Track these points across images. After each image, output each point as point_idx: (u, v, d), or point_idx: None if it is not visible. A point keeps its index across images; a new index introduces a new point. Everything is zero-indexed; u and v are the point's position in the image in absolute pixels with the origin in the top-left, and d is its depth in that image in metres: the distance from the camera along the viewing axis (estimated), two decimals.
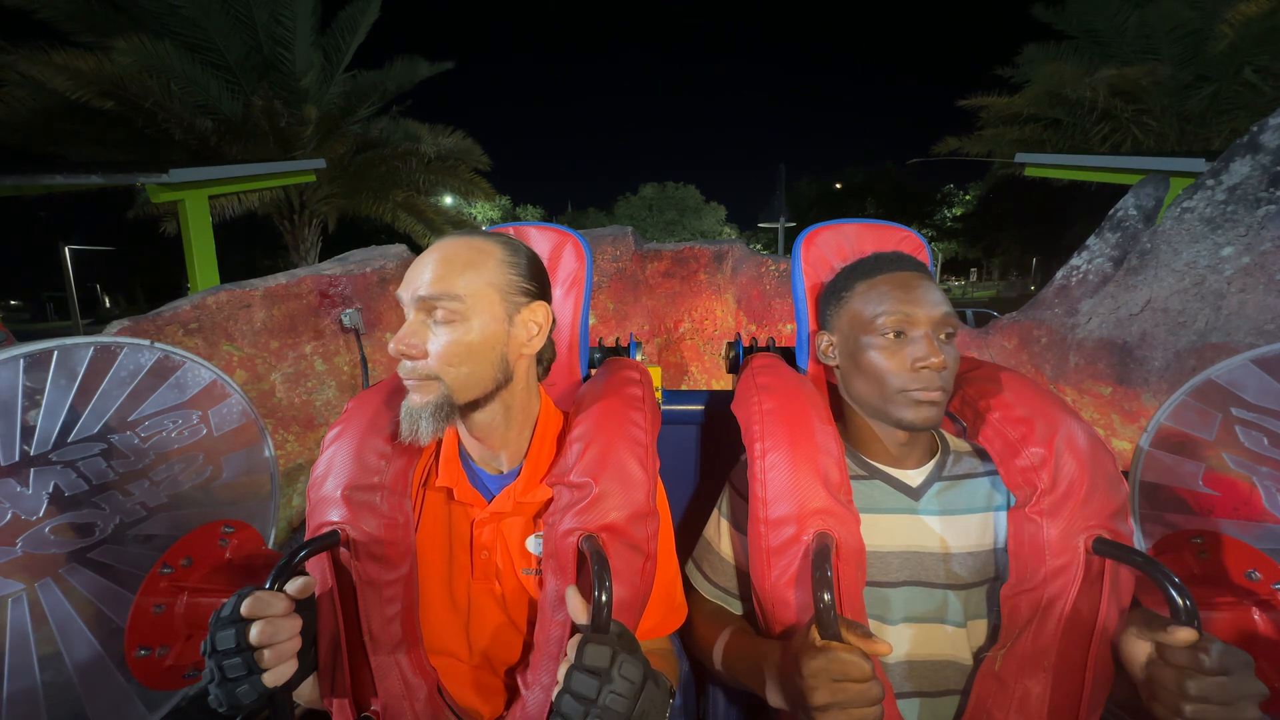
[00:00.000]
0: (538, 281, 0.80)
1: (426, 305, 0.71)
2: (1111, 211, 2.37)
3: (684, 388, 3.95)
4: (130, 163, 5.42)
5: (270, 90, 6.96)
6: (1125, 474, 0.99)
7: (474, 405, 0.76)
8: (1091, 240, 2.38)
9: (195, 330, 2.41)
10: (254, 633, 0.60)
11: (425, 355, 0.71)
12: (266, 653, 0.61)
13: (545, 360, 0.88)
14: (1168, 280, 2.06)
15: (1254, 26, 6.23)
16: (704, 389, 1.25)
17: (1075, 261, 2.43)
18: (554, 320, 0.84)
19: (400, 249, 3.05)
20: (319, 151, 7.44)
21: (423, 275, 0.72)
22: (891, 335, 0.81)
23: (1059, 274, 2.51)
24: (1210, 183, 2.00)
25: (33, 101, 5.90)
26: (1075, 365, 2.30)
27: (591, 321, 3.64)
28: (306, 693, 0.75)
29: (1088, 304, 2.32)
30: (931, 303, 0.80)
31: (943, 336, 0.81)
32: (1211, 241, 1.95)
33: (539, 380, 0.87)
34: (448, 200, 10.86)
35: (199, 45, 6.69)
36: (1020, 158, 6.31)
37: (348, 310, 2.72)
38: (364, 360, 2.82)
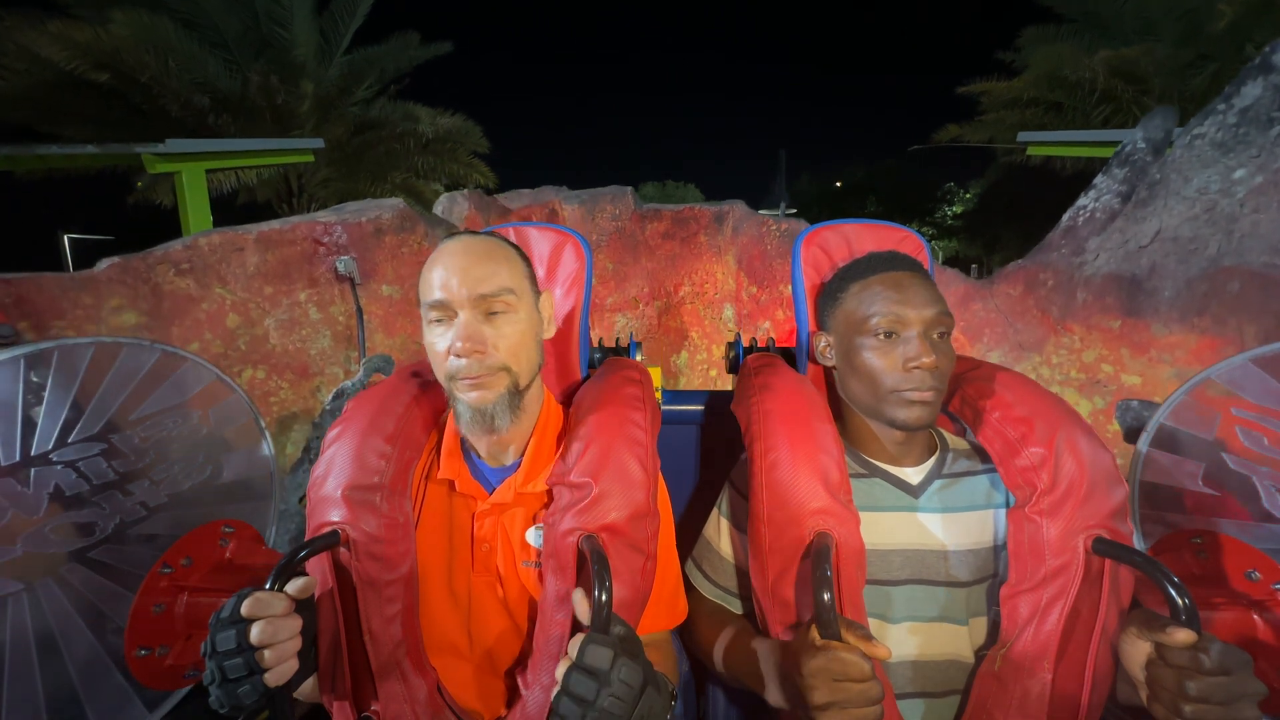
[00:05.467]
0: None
1: (485, 302, 0.74)
2: (1119, 148, 2.33)
3: (684, 354, 3.92)
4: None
5: (267, 65, 6.91)
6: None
7: (527, 389, 0.78)
8: (1099, 179, 2.34)
9: (187, 271, 2.37)
10: (255, 633, 0.60)
11: (493, 350, 0.73)
12: (268, 653, 0.61)
13: None
14: (1178, 209, 2.03)
15: (1253, 3, 6.18)
16: (704, 389, 1.27)
17: (1082, 201, 2.39)
18: None
19: (396, 201, 3.01)
20: (317, 133, 7.39)
21: (469, 274, 0.73)
22: (883, 335, 0.81)
23: (1065, 216, 2.47)
24: (1221, 107, 1.96)
25: (30, 75, 5.85)
26: (1083, 302, 2.26)
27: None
28: (306, 690, 0.74)
29: (1095, 241, 2.28)
30: (923, 302, 0.80)
31: (935, 336, 0.80)
32: (1223, 165, 1.91)
33: None
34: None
35: (196, 22, 6.64)
36: (1022, 137, 6.27)
37: (342, 257, 2.68)
38: (359, 311, 2.78)
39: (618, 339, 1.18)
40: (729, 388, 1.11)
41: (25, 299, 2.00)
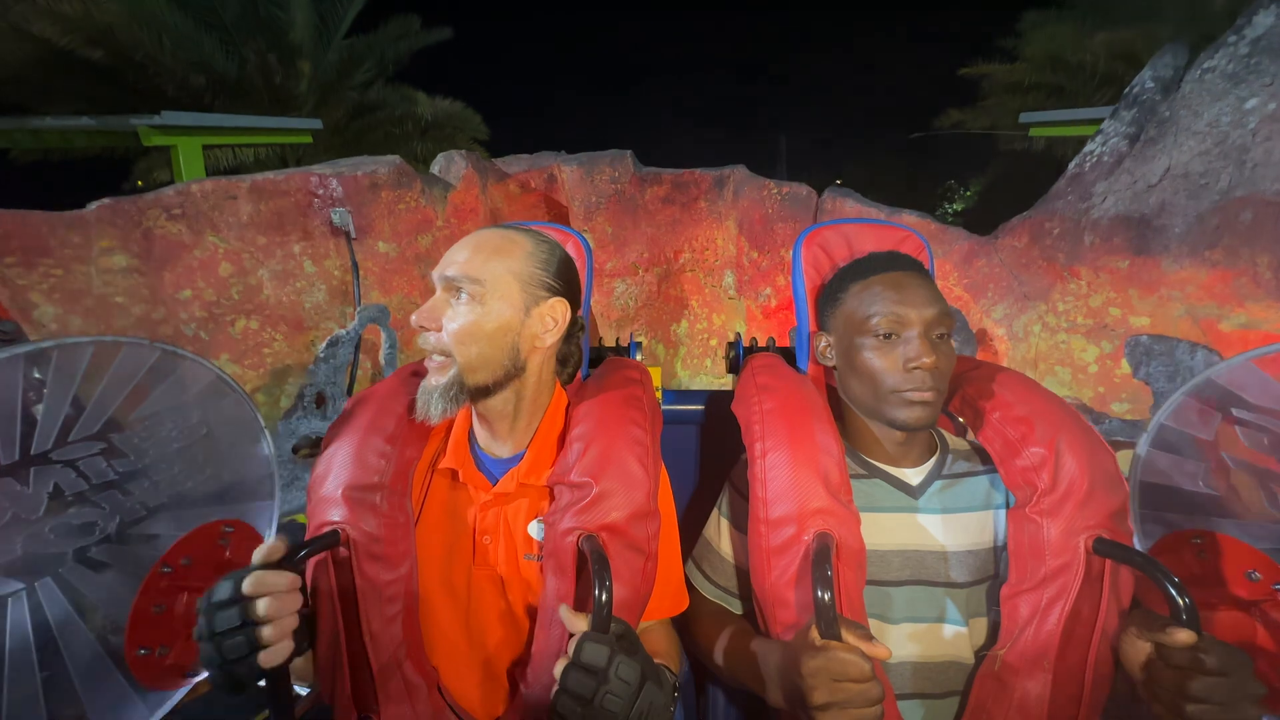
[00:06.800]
0: (564, 280, 0.81)
1: (451, 285, 0.75)
2: (1127, 90, 2.30)
3: (684, 323, 3.88)
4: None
5: (264, 44, 6.86)
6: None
7: (485, 391, 0.76)
8: (1106, 123, 2.31)
9: (179, 216, 2.33)
10: (261, 608, 0.60)
11: (440, 329, 0.74)
12: (268, 629, 0.61)
13: (571, 363, 0.89)
14: (1188, 144, 1.99)
15: None
16: (704, 389, 1.28)
17: (1089, 147, 2.36)
18: (582, 325, 0.87)
19: (394, 159, 2.97)
20: (315, 116, 7.34)
21: (454, 256, 0.76)
22: (884, 336, 0.81)
23: (1071, 164, 2.44)
24: (1233, 39, 1.92)
25: (22, 53, 5.80)
26: (1090, 245, 2.23)
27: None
28: (298, 668, 0.74)
29: (1102, 185, 2.25)
30: (924, 302, 0.80)
31: (936, 336, 0.80)
32: (1235, 97, 1.88)
33: (564, 384, 0.88)
34: None
35: (191, 1, 6.59)
36: (1024, 117, 6.25)
37: (337, 209, 2.64)
38: (355, 266, 2.74)
39: (617, 340, 1.17)
40: (728, 376, 1.11)
41: (12, 235, 1.96)
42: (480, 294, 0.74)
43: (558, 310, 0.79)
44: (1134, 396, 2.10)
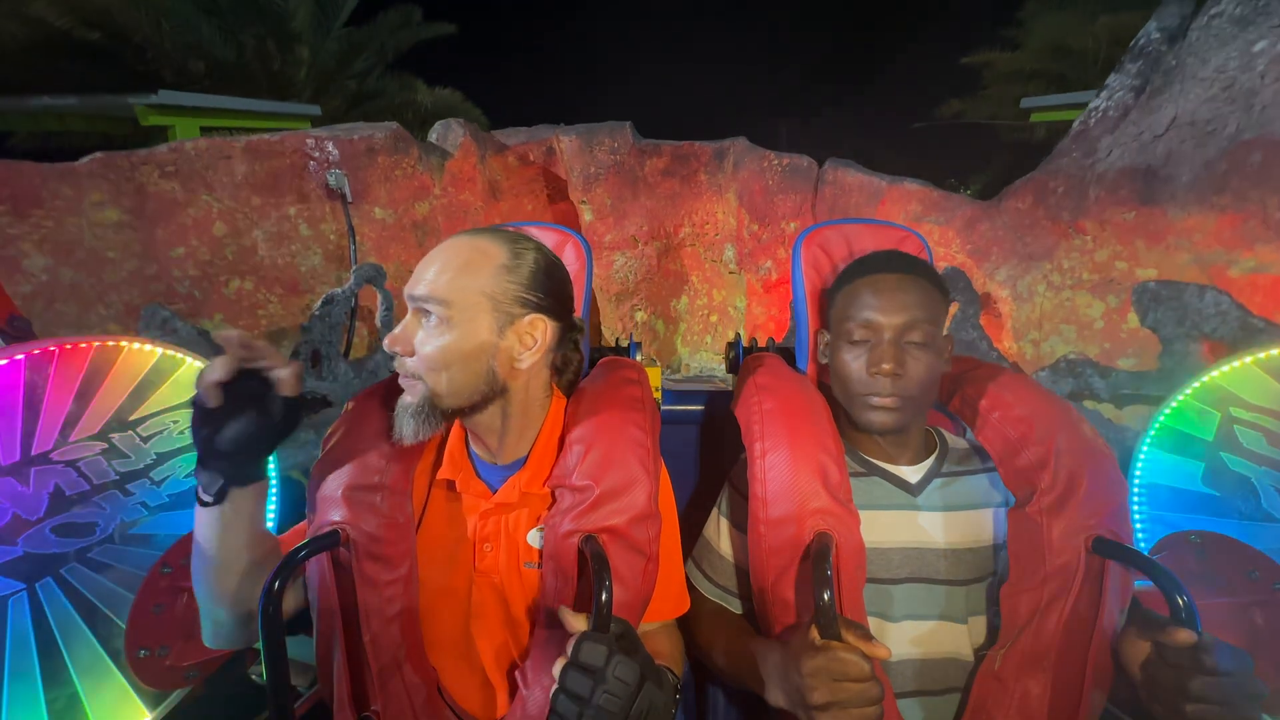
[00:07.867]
0: (544, 293, 0.76)
1: (415, 303, 0.73)
2: (1132, 43, 2.27)
3: (684, 299, 3.85)
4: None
5: (263, 30, 6.85)
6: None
7: (463, 412, 0.75)
8: (1111, 77, 2.28)
9: (172, 174, 2.30)
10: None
11: (412, 353, 0.72)
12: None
13: (570, 369, 0.88)
14: (1195, 91, 1.96)
15: None
16: (704, 388, 1.25)
17: (1095, 103, 2.33)
18: (580, 328, 0.85)
19: (391, 124, 2.94)
20: (313, 104, 7.33)
21: (422, 273, 0.73)
22: (857, 340, 0.82)
23: (1076, 121, 2.41)
24: None
25: (21, 35, 5.78)
26: (1095, 199, 2.20)
27: (589, 219, 3.54)
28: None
29: (1108, 139, 2.22)
30: (899, 308, 0.80)
31: (908, 342, 0.80)
32: (1243, 40, 1.85)
33: (563, 391, 0.87)
34: None
35: None
36: (1025, 103, 6.26)
37: (333, 170, 2.61)
38: (351, 229, 2.71)
39: (617, 340, 1.16)
40: (727, 372, 1.11)
41: (3, 183, 1.93)
42: (448, 317, 0.70)
43: (537, 328, 0.75)
44: (1141, 350, 2.07)
